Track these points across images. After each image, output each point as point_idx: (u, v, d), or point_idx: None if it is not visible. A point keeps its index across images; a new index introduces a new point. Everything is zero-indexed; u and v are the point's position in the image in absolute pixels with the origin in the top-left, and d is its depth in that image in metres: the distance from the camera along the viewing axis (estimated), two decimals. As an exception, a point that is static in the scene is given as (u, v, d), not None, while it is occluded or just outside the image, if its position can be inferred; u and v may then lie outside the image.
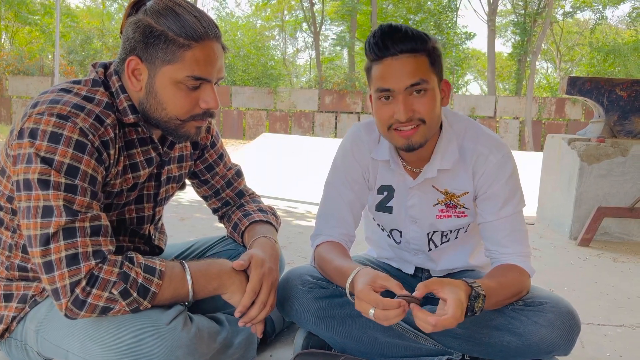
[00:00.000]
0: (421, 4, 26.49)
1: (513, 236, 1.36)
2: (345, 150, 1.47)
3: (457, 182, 1.40)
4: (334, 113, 20.20)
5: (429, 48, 1.25)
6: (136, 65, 1.14)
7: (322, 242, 1.42)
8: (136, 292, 1.08)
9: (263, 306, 1.21)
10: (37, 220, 1.05)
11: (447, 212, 1.43)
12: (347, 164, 1.45)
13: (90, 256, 1.06)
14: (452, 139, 1.37)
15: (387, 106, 1.26)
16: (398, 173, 1.42)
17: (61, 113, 1.07)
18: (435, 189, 1.41)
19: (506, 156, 1.36)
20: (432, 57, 1.26)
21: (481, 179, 1.37)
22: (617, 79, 3.70)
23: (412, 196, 1.43)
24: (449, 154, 1.36)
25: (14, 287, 1.24)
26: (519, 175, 1.40)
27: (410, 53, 1.23)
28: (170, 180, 1.38)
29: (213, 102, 1.17)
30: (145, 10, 1.13)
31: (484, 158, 1.36)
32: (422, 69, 1.24)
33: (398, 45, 1.22)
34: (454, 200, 1.42)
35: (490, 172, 1.35)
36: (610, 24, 29.79)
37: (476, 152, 1.36)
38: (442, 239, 1.50)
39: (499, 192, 1.35)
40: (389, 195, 1.46)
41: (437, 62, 1.28)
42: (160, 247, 1.45)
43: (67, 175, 1.06)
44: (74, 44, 22.60)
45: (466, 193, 1.40)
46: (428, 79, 1.24)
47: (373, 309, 1.10)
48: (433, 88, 1.26)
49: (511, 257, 1.35)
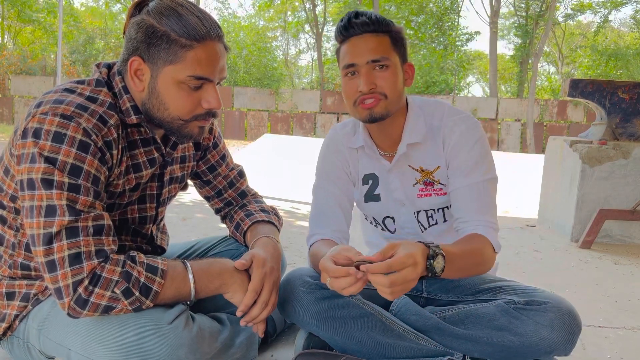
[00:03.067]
0: (423, 5, 26.49)
1: (479, 204, 1.37)
2: (324, 152, 1.56)
3: (429, 158, 1.45)
4: (335, 114, 20.21)
5: (392, 30, 1.38)
6: (139, 66, 1.15)
7: (315, 242, 1.43)
8: (138, 291, 1.08)
9: (264, 306, 1.22)
10: (41, 219, 1.05)
11: (426, 190, 1.48)
12: (327, 163, 1.53)
13: (92, 255, 1.06)
14: (420, 116, 1.46)
15: (352, 81, 1.37)
16: (375, 159, 1.49)
17: (65, 113, 1.07)
18: (412, 168, 1.47)
19: (472, 126, 1.43)
20: (395, 39, 1.38)
21: (449, 148, 1.43)
22: (620, 82, 3.70)
23: (392, 179, 1.49)
24: (417, 129, 1.44)
25: (17, 285, 1.24)
26: (488, 146, 1.44)
27: (373, 33, 1.36)
28: (172, 180, 1.38)
29: (215, 102, 1.17)
30: (148, 11, 1.14)
31: (449, 129, 1.43)
32: (384, 47, 1.35)
33: (362, 26, 1.35)
34: (430, 177, 1.47)
35: (456, 140, 1.42)
36: (612, 27, 29.78)
37: (443, 124, 1.44)
38: (429, 221, 1.53)
39: (465, 158, 1.40)
40: (374, 183, 1.52)
41: (400, 44, 1.39)
42: (162, 247, 1.46)
43: (71, 175, 1.06)
44: (77, 44, 22.66)
45: (439, 167, 1.45)
46: (389, 56, 1.36)
47: (328, 279, 1.12)
48: (395, 65, 1.37)
49: (475, 226, 1.35)
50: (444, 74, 25.53)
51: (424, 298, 1.56)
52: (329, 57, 27.81)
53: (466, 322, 1.34)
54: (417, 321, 1.39)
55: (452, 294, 1.51)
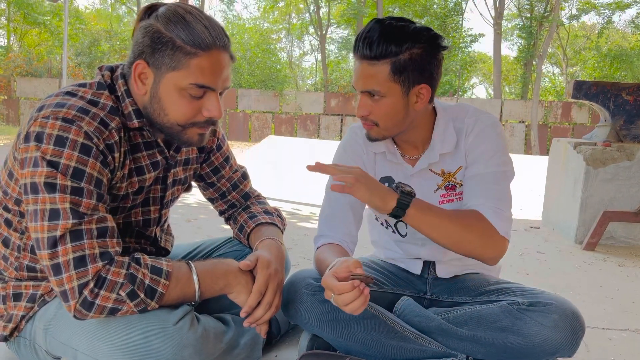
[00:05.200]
0: (427, 7, 26.49)
1: (489, 191, 1.34)
2: (341, 152, 1.52)
3: (452, 161, 1.44)
4: (339, 116, 20.22)
5: (397, 61, 1.25)
6: (142, 69, 1.16)
7: (323, 244, 1.43)
8: (143, 293, 1.09)
9: (268, 307, 1.22)
10: (45, 223, 1.06)
11: (448, 196, 1.45)
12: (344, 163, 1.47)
13: (97, 258, 1.07)
14: (449, 123, 1.42)
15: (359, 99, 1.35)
16: (396, 163, 1.46)
17: (66, 117, 1.08)
18: (433, 172, 1.45)
19: (493, 124, 1.42)
20: (398, 66, 1.26)
21: (470, 144, 1.41)
22: (623, 83, 3.69)
23: (412, 184, 1.44)
24: (448, 137, 1.41)
25: (23, 286, 1.25)
26: (506, 144, 1.43)
27: (370, 61, 1.27)
28: (175, 182, 1.39)
29: (216, 112, 1.17)
30: (156, 16, 1.15)
31: (471, 127, 1.41)
32: (378, 78, 1.27)
33: (362, 53, 1.27)
34: (451, 180, 1.44)
35: (476, 135, 1.40)
36: (617, 28, 29.69)
37: (465, 124, 1.42)
38: None
39: (483, 150, 1.39)
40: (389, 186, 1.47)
41: (408, 70, 1.27)
42: (166, 248, 1.47)
43: (73, 178, 1.07)
44: (82, 46, 22.76)
45: (460, 168, 1.44)
46: (383, 88, 1.28)
47: (333, 295, 1.12)
48: (393, 94, 1.29)
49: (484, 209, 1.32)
50: (448, 76, 25.51)
51: (428, 299, 1.57)
52: (333, 59, 27.83)
53: (470, 323, 1.34)
54: (420, 322, 1.40)
55: (455, 296, 1.52)
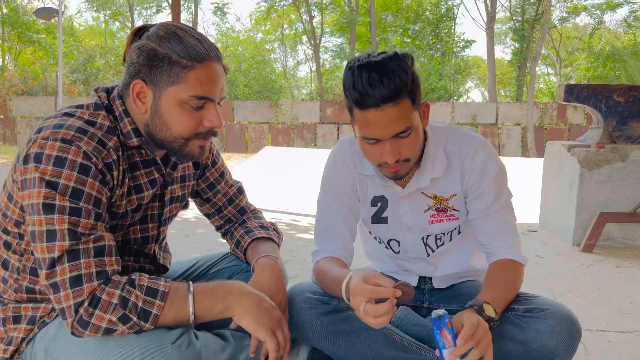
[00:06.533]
0: (419, 13, 26.67)
1: (504, 228, 1.42)
2: (331, 166, 1.50)
3: (445, 186, 1.43)
4: (335, 124, 20.28)
5: (409, 86, 1.21)
6: (141, 89, 1.18)
7: (322, 258, 1.44)
8: (136, 317, 1.10)
9: (281, 350, 1.23)
10: (44, 244, 1.08)
11: (438, 216, 1.47)
12: (335, 179, 1.48)
13: (93, 277, 1.08)
14: (439, 146, 1.40)
15: (374, 147, 1.27)
16: (385, 186, 1.46)
17: (65, 137, 1.10)
18: (424, 195, 1.45)
19: (491, 153, 1.41)
20: (413, 93, 1.23)
21: (470, 178, 1.41)
22: (614, 85, 3.73)
23: (402, 205, 1.46)
24: (438, 161, 1.40)
25: (23, 308, 1.26)
26: (505, 169, 1.44)
27: (393, 102, 1.19)
28: (173, 200, 1.41)
29: (217, 121, 1.20)
30: (148, 36, 1.17)
31: (470, 158, 1.39)
32: (405, 114, 1.22)
33: (381, 99, 1.19)
34: (443, 204, 1.45)
35: (478, 170, 1.39)
36: (609, 28, 29.88)
37: (462, 153, 1.40)
38: (437, 242, 1.53)
39: (488, 189, 1.40)
40: (382, 206, 1.49)
41: (417, 93, 1.25)
42: (165, 265, 1.48)
43: (72, 198, 1.09)
44: (77, 63, 22.80)
45: (454, 195, 1.44)
46: (411, 122, 1.24)
47: (364, 304, 1.11)
48: (417, 125, 1.27)
49: (504, 251, 1.40)
50: (443, 81, 25.61)
51: (426, 308, 1.58)
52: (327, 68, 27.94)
53: None
54: (419, 331, 1.40)
55: (453, 303, 1.53)
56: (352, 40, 24.92)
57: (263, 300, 1.22)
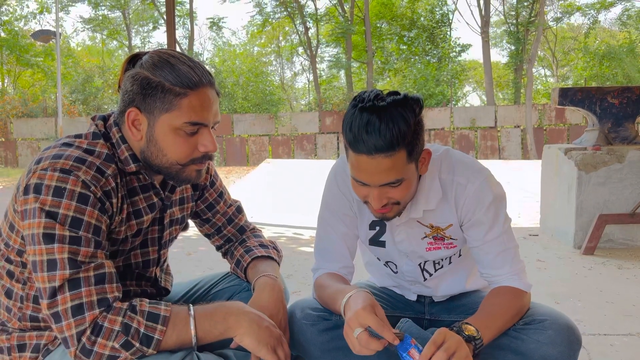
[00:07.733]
0: (414, 20, 26.80)
1: (503, 256, 1.38)
2: (331, 183, 1.49)
3: (440, 217, 1.41)
4: (335, 134, 20.33)
5: (408, 139, 1.17)
6: (135, 116, 1.20)
7: (322, 275, 1.45)
8: (139, 342, 1.11)
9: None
10: (44, 274, 1.10)
11: (435, 244, 1.45)
12: (335, 199, 1.47)
13: (94, 305, 1.10)
14: (434, 177, 1.37)
15: (362, 187, 1.26)
16: None
17: (64, 167, 1.12)
18: (420, 224, 1.43)
19: (484, 182, 1.36)
20: (411, 145, 1.19)
21: (463, 208, 1.38)
22: (608, 87, 3.75)
23: (399, 232, 1.45)
24: (432, 193, 1.37)
25: (27, 337, 1.27)
26: (502, 194, 1.40)
27: (386, 153, 1.16)
28: (173, 222, 1.43)
29: (211, 146, 1.22)
30: (141, 64, 1.20)
31: (462, 188, 1.36)
32: (398, 166, 1.19)
33: (373, 148, 1.15)
34: (440, 233, 1.43)
35: (471, 200, 1.36)
36: (604, 27, 29.99)
37: (454, 183, 1.37)
38: (436, 266, 1.52)
39: (482, 218, 1.36)
40: (380, 230, 1.48)
41: (417, 145, 1.21)
42: (166, 288, 1.49)
43: (71, 227, 1.10)
44: (76, 83, 22.95)
45: (450, 225, 1.42)
46: (404, 175, 1.21)
47: (359, 330, 1.13)
48: (410, 174, 1.24)
49: (505, 279, 1.37)
50: (440, 86, 25.68)
51: (427, 320, 1.59)
52: (325, 78, 28.05)
53: None
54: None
55: (454, 314, 1.54)
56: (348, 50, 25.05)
57: (262, 319, 1.24)
